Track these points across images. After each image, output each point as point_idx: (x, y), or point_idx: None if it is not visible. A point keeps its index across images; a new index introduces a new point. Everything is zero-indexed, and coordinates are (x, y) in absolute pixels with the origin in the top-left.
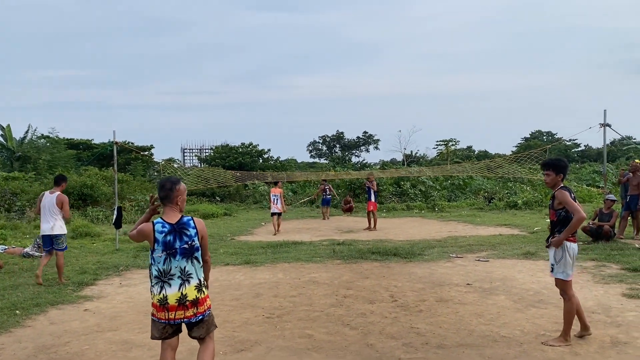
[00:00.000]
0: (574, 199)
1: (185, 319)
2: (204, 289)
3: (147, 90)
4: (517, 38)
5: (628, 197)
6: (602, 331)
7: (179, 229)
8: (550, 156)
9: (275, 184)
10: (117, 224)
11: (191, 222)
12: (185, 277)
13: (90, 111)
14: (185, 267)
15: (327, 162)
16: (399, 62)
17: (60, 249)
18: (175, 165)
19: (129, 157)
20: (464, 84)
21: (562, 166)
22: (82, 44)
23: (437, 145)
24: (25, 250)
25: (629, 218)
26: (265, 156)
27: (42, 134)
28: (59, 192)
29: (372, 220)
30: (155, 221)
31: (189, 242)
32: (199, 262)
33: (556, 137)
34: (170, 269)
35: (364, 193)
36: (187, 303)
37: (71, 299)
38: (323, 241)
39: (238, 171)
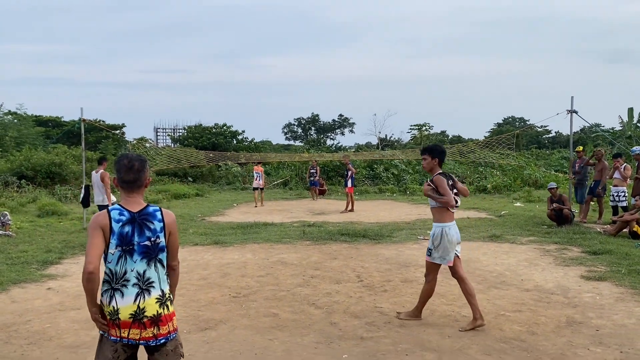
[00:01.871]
0: (453, 186)
1: (141, 341)
2: (168, 303)
3: (119, 67)
4: (492, 25)
5: (593, 183)
6: (559, 311)
7: (140, 220)
8: (521, 142)
9: (258, 162)
10: (85, 203)
11: (158, 213)
12: (143, 286)
13: (60, 88)
14: (144, 272)
15: (302, 144)
16: (375, 45)
17: None
18: (147, 145)
19: (99, 136)
20: (439, 69)
21: (438, 151)
22: (52, 19)
23: (411, 129)
24: None
25: (591, 202)
26: (240, 137)
27: (9, 110)
28: (101, 170)
29: (351, 202)
30: (111, 208)
31: (152, 239)
32: (163, 266)
33: (528, 123)
34: (125, 272)
35: (337, 176)
36: (145, 320)
37: (35, 277)
38: (294, 222)
39: (211, 152)
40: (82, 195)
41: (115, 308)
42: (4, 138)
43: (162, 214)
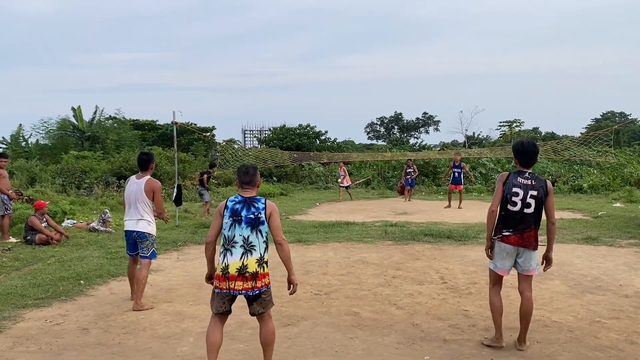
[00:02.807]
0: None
1: (243, 291)
2: (264, 265)
3: (208, 72)
4: (588, 13)
5: None
6: None
7: (249, 201)
8: (621, 138)
9: (345, 163)
10: (177, 202)
11: (262, 199)
12: (247, 247)
13: (154, 93)
14: (248, 237)
15: (384, 143)
16: (460, 40)
17: None
18: (236, 146)
19: (191, 138)
20: (530, 62)
21: (513, 148)
22: (143, 29)
23: (500, 126)
24: (92, 224)
25: None
26: (322, 138)
27: (110, 115)
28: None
29: (459, 199)
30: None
31: (255, 213)
32: (262, 236)
33: (629, 117)
34: (234, 236)
35: (421, 175)
36: (247, 275)
37: None
38: (375, 222)
39: (295, 152)
40: (174, 194)
41: (227, 264)
42: (106, 141)
43: (265, 200)
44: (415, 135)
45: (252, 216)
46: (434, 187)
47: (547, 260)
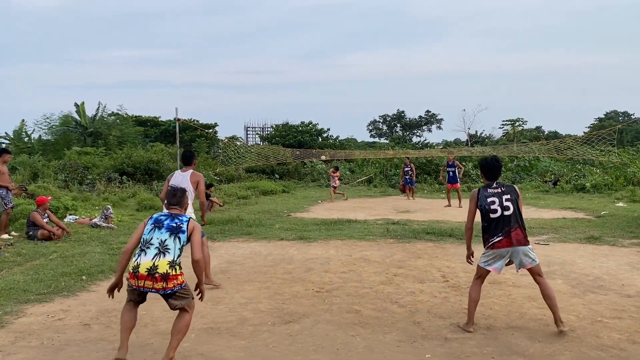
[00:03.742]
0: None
1: (153, 290)
2: (177, 267)
3: (212, 69)
4: (592, 13)
5: None
6: None
7: (174, 215)
8: (625, 137)
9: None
10: None
11: (187, 216)
12: (162, 249)
13: (157, 89)
14: (165, 240)
15: (387, 141)
16: (463, 39)
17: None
18: (238, 143)
19: (194, 135)
20: (533, 61)
21: (479, 165)
22: (148, 25)
23: (503, 125)
24: (94, 220)
25: None
26: (325, 135)
27: (112, 112)
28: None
29: (458, 198)
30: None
31: (178, 223)
32: (179, 242)
33: (633, 117)
34: (151, 239)
35: (424, 173)
36: (157, 275)
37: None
38: (378, 220)
39: (297, 149)
40: None
41: (138, 263)
42: (108, 137)
43: (189, 218)
44: (418, 134)
45: (174, 225)
46: (436, 186)
47: None
